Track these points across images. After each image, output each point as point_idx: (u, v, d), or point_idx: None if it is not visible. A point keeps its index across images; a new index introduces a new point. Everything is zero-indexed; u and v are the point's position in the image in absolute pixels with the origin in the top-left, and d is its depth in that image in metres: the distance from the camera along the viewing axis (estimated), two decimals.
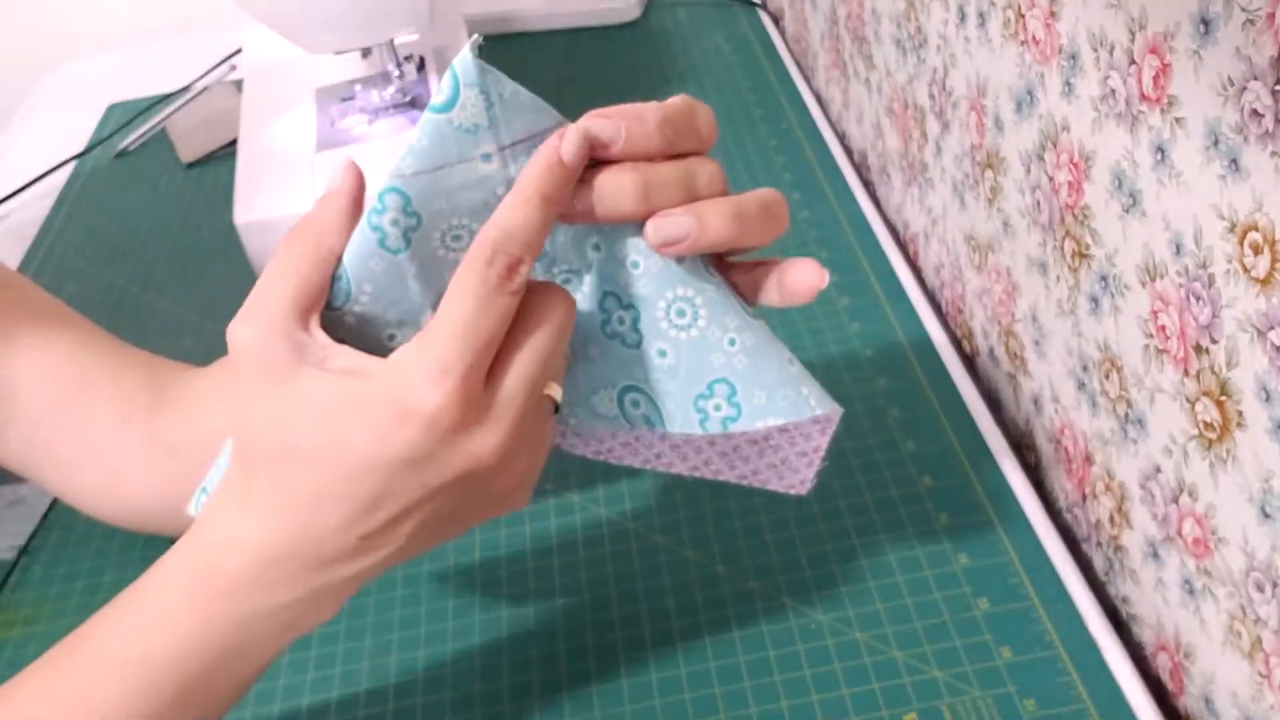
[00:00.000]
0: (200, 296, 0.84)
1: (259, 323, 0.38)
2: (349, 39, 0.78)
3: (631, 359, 0.43)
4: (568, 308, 0.40)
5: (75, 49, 1.32)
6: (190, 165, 1.02)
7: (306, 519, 0.38)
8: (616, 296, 0.42)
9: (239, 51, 1.16)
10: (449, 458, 0.37)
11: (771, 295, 0.43)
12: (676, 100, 0.40)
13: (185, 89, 1.14)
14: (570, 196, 0.39)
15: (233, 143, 1.01)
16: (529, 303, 0.39)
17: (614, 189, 0.39)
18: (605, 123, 0.39)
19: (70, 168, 1.06)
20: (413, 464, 0.37)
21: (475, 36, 0.37)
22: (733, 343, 0.42)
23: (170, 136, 1.06)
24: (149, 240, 0.93)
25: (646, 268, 0.41)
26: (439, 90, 0.37)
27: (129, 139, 1.07)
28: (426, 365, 0.36)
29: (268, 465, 0.38)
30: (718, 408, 0.43)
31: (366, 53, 0.83)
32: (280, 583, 0.39)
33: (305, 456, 0.37)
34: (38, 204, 1.01)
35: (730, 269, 0.44)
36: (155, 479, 0.54)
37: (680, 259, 0.41)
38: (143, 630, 0.40)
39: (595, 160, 0.39)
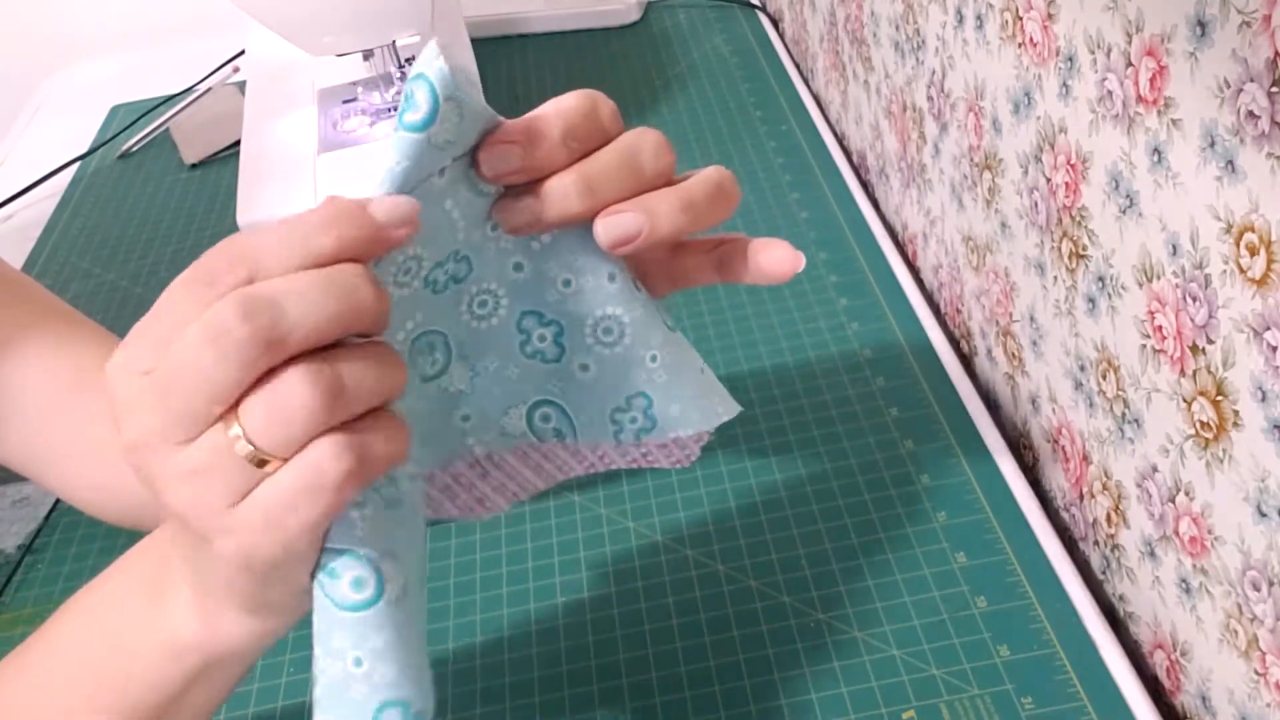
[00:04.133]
0: None
1: None
2: (351, 41, 0.79)
3: (549, 373, 0.42)
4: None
5: (79, 51, 1.32)
6: (193, 166, 1.02)
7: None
8: (538, 315, 0.41)
9: (242, 53, 1.16)
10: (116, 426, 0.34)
11: (741, 274, 0.41)
12: (575, 102, 0.37)
13: (188, 90, 1.14)
14: (512, 210, 0.37)
15: (235, 144, 1.01)
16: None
17: (558, 192, 0.37)
18: (505, 150, 0.36)
19: (74, 169, 1.06)
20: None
21: (433, 41, 0.35)
22: (654, 359, 0.42)
23: (173, 138, 1.06)
24: (152, 241, 0.93)
25: (579, 286, 0.40)
26: (412, 105, 0.34)
27: (132, 140, 1.07)
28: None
29: None
30: (633, 420, 0.43)
31: (368, 55, 0.83)
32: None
33: None
34: (41, 205, 1.01)
35: (685, 248, 0.42)
36: None
37: (613, 277, 0.40)
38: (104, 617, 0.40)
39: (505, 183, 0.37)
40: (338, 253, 0.32)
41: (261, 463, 0.32)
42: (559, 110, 0.37)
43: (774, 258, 0.41)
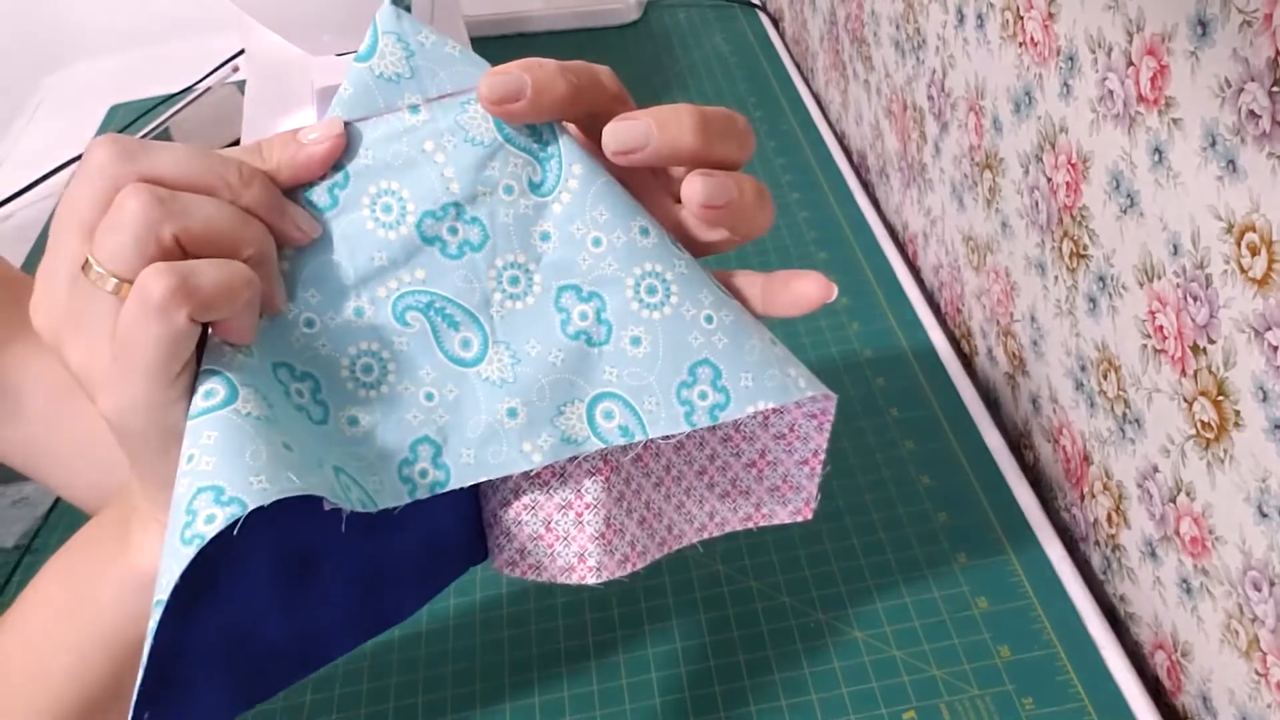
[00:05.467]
0: None
1: None
2: (350, 40, 0.79)
3: (601, 359, 0.39)
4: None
5: (79, 50, 1.32)
6: None
7: None
8: (575, 289, 0.39)
9: (241, 53, 1.16)
10: None
11: (777, 307, 0.41)
12: (577, 63, 0.38)
13: (188, 90, 1.14)
14: (626, 132, 0.36)
15: (235, 143, 1.01)
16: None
17: (675, 121, 0.36)
18: (507, 77, 0.36)
19: (73, 168, 1.06)
20: None
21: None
22: (710, 320, 0.39)
23: (173, 137, 1.06)
24: None
25: (610, 243, 0.38)
26: (363, 41, 0.36)
27: None
28: None
29: None
30: (703, 395, 0.39)
31: None
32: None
33: None
34: (41, 205, 1.01)
35: (730, 280, 0.42)
36: None
37: (645, 231, 0.38)
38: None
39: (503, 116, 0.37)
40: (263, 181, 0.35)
41: (115, 287, 0.33)
42: (559, 62, 0.37)
43: (801, 287, 0.40)
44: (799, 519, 0.43)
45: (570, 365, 0.39)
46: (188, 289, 0.33)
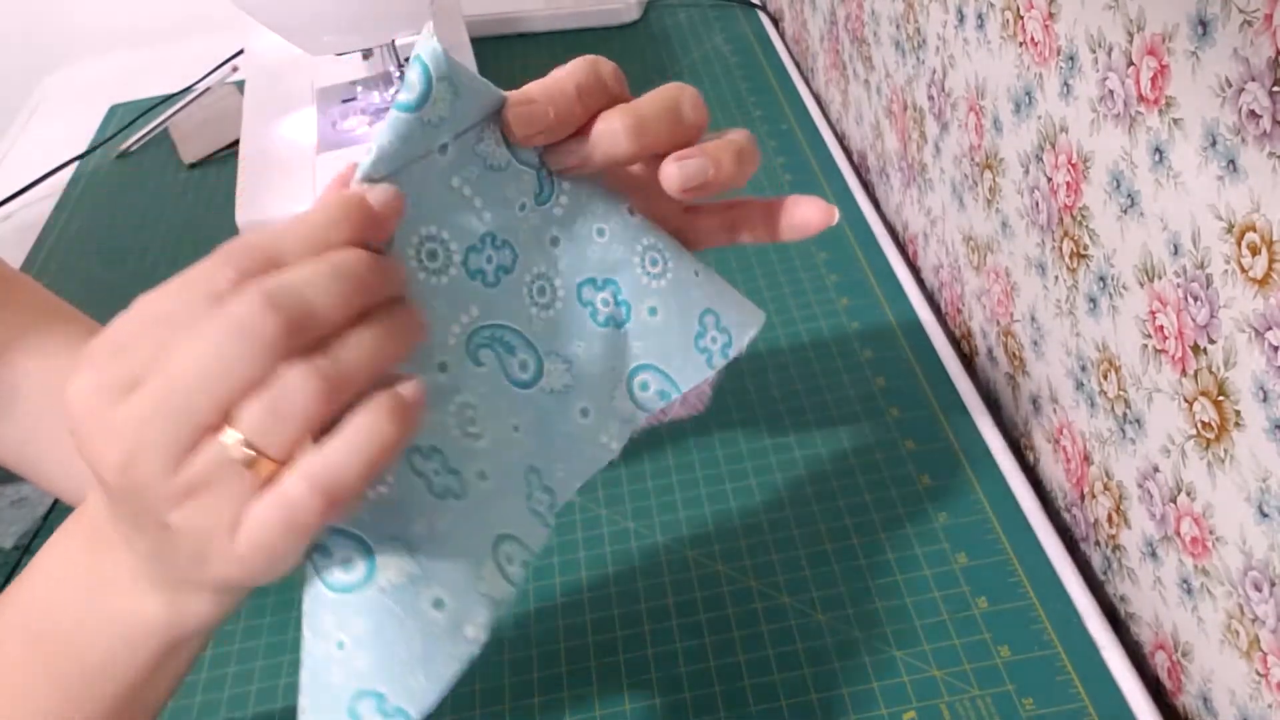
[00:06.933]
0: None
1: None
2: (350, 40, 0.79)
3: (628, 337, 0.42)
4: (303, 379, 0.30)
5: (78, 50, 1.32)
6: (192, 166, 1.02)
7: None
8: (592, 281, 0.41)
9: (240, 53, 1.16)
10: (83, 449, 0.32)
11: (763, 233, 0.43)
12: (578, 64, 0.39)
13: (187, 90, 1.14)
14: (561, 151, 0.38)
15: (234, 143, 1.01)
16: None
17: (608, 133, 0.38)
18: (532, 110, 0.37)
19: (72, 168, 1.06)
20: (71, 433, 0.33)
21: (428, 25, 0.36)
22: (698, 273, 0.42)
23: (172, 137, 1.06)
24: (151, 241, 0.93)
25: (611, 231, 0.41)
26: (407, 86, 0.34)
27: (131, 140, 1.07)
28: (93, 347, 0.31)
29: None
30: (714, 340, 0.43)
31: (368, 54, 0.83)
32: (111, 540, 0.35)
33: None
34: (40, 204, 1.01)
35: (698, 211, 0.43)
36: None
37: (632, 211, 0.41)
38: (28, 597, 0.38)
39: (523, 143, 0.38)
40: (348, 245, 0.32)
41: (255, 464, 0.30)
42: (567, 71, 0.38)
43: (807, 212, 0.42)
44: (697, 412, 0.47)
45: (609, 352, 0.41)
46: (336, 501, 0.31)
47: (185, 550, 0.32)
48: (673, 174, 0.39)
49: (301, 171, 0.79)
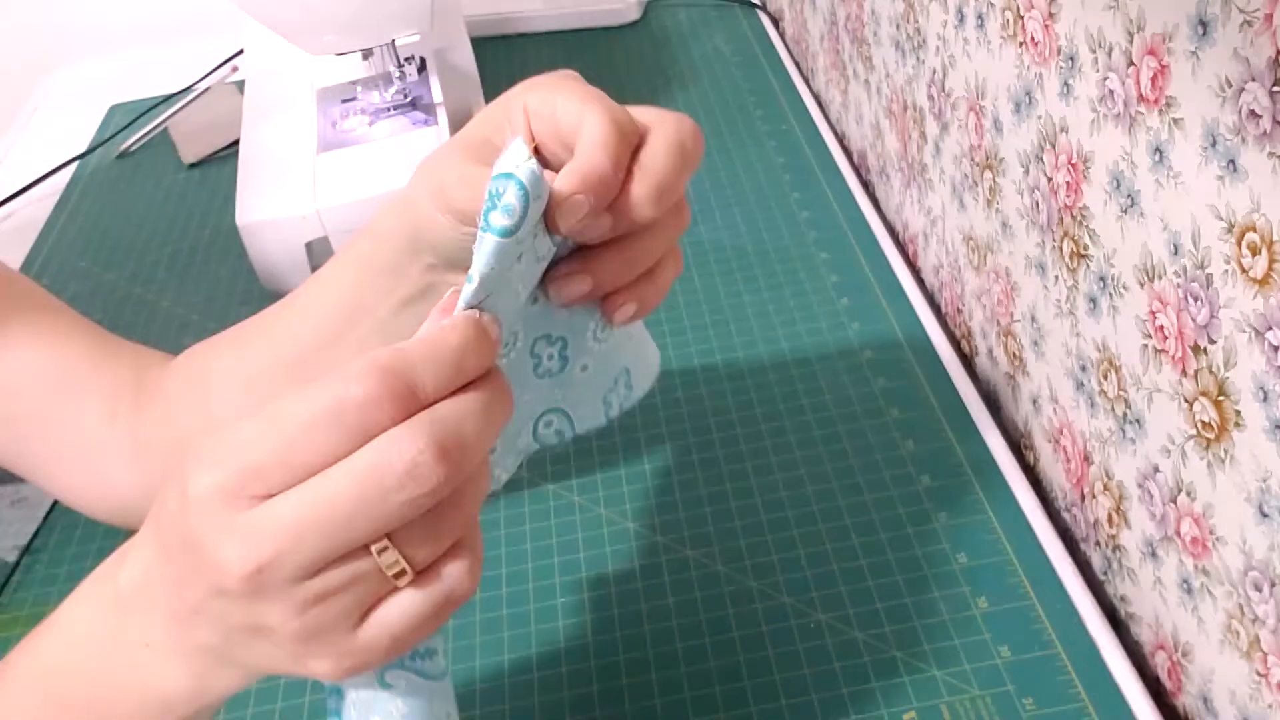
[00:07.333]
0: (201, 297, 0.84)
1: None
2: (350, 40, 0.79)
3: (553, 385, 0.44)
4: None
5: (78, 50, 1.32)
6: (192, 166, 1.02)
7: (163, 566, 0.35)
8: (548, 336, 0.42)
9: (240, 53, 1.16)
10: (197, 544, 0.32)
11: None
12: (607, 131, 0.38)
13: (187, 90, 1.14)
14: (592, 226, 0.39)
15: (234, 143, 1.01)
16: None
17: (637, 203, 0.39)
18: (577, 203, 0.38)
19: (72, 168, 1.06)
20: (168, 541, 0.34)
21: (519, 139, 0.34)
22: (630, 336, 0.46)
23: (172, 137, 1.06)
24: (150, 241, 0.93)
25: None
26: (505, 210, 0.33)
27: (131, 140, 1.07)
28: (217, 447, 0.32)
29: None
30: (619, 395, 0.46)
31: (368, 54, 0.83)
32: (151, 609, 0.36)
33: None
34: (40, 205, 1.01)
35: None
36: (140, 477, 0.53)
37: None
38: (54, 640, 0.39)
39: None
40: (478, 373, 0.34)
41: (400, 575, 0.33)
42: (600, 145, 0.38)
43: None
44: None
45: (534, 399, 0.43)
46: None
47: (279, 645, 0.33)
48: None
49: (301, 171, 0.79)
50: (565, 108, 0.39)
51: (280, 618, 0.32)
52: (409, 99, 0.82)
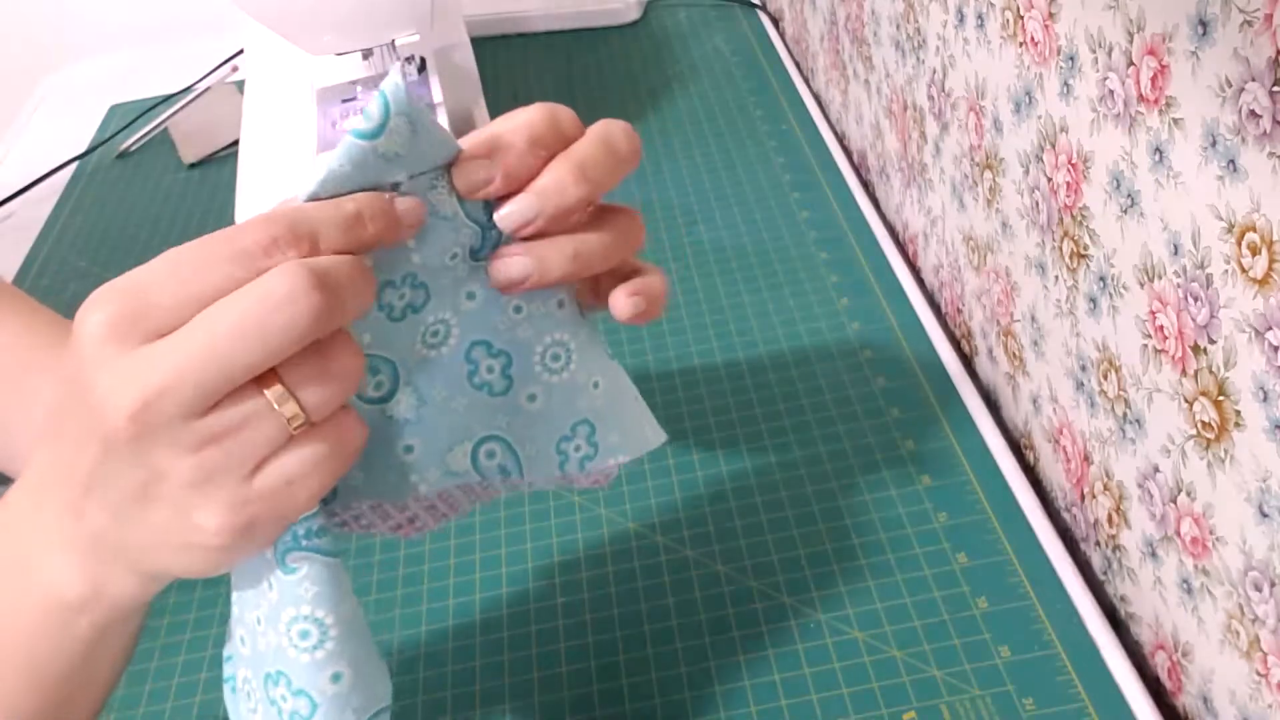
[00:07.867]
0: None
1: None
2: (350, 40, 0.79)
3: (496, 407, 0.42)
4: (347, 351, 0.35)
5: (78, 50, 1.32)
6: (192, 166, 1.02)
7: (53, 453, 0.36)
8: (486, 345, 0.41)
9: (240, 53, 1.16)
10: (86, 390, 0.32)
11: (600, 301, 0.43)
12: (534, 113, 0.39)
13: (187, 90, 1.14)
14: (513, 209, 0.39)
15: (234, 143, 1.01)
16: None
17: (554, 183, 0.39)
18: (475, 163, 0.38)
19: (72, 168, 1.06)
20: (62, 407, 0.34)
21: (397, 64, 0.37)
22: (597, 385, 0.43)
23: (172, 137, 1.06)
24: (151, 241, 0.93)
25: (529, 311, 0.42)
26: (365, 115, 0.36)
27: (131, 140, 1.07)
28: (109, 286, 0.32)
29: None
30: (578, 449, 0.44)
31: (368, 54, 0.83)
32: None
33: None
34: (40, 204, 1.01)
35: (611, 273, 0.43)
36: None
37: (561, 304, 0.42)
38: None
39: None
40: (372, 243, 0.35)
41: (295, 420, 0.33)
42: (522, 122, 0.38)
43: (617, 299, 0.42)
44: (598, 486, 0.47)
45: (468, 411, 0.42)
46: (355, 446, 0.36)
47: (169, 500, 0.33)
48: (491, 271, 0.40)
49: (301, 172, 0.79)
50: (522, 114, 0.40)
51: (170, 459, 0.32)
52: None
